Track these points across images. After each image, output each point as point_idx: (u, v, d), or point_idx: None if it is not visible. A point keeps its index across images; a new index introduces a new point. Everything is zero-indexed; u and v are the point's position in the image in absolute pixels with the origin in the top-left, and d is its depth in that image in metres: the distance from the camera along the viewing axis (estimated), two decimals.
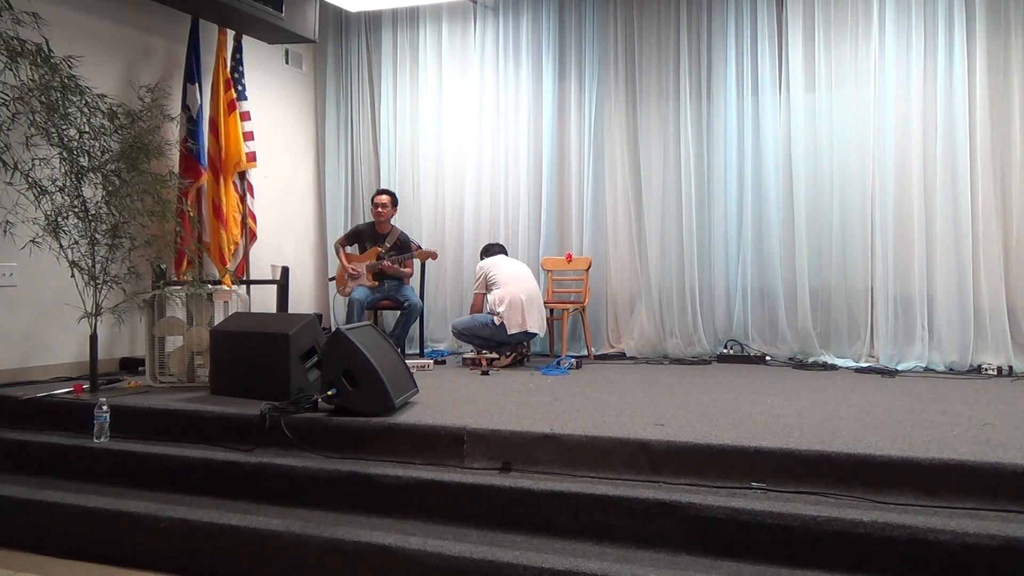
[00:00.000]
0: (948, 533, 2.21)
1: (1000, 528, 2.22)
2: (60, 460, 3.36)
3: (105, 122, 3.92)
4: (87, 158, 3.91)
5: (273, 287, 5.22)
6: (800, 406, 3.51)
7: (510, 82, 6.11)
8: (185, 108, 5.11)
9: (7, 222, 3.81)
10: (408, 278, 5.70)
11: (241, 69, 5.46)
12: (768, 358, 5.30)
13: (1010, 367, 4.73)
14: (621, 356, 5.68)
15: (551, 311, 5.64)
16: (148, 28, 5.11)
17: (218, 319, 4.19)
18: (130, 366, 4.78)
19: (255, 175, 5.59)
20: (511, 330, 4.99)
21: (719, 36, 5.53)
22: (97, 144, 3.93)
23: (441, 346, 6.18)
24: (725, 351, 5.40)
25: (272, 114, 6.16)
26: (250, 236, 5.49)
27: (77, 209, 3.87)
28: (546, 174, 5.96)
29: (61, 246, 3.83)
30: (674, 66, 5.64)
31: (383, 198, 5.67)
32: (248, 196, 5.49)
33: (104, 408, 3.40)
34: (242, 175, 5.47)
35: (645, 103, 5.71)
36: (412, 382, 3.63)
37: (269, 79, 6.17)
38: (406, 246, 5.68)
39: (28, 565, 2.81)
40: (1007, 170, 4.89)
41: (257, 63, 5.93)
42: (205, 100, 5.23)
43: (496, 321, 5.00)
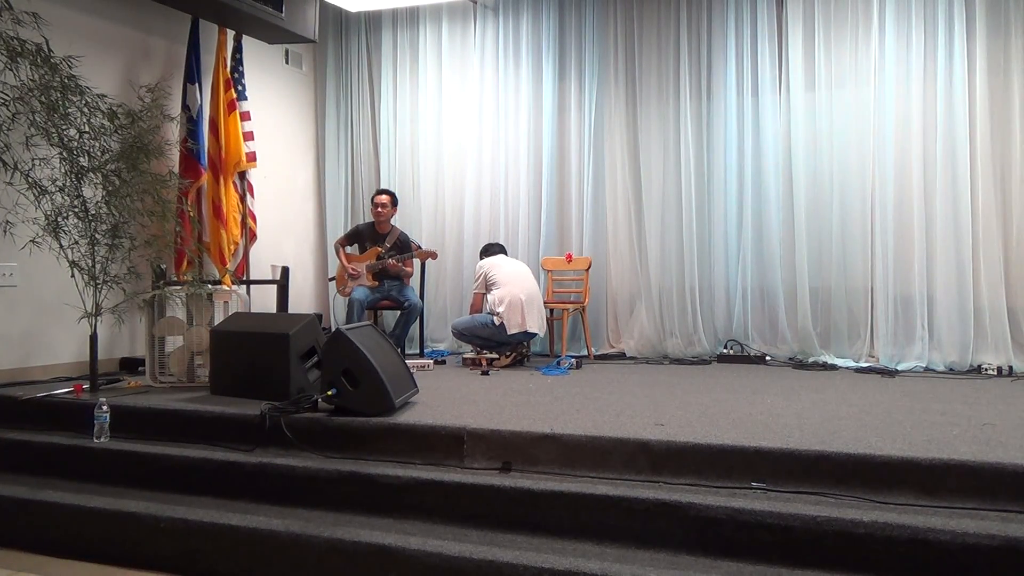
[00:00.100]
0: (948, 533, 2.21)
1: (1000, 528, 2.22)
2: (60, 460, 3.36)
3: (105, 122, 3.92)
4: (87, 158, 3.91)
5: (273, 287, 5.22)
6: (800, 406, 3.51)
7: (510, 82, 6.11)
8: (185, 108, 5.11)
9: (7, 222, 3.82)
10: (408, 278, 5.70)
11: (241, 69, 5.46)
12: (768, 358, 5.30)
13: (1010, 367, 4.73)
14: (621, 356, 5.68)
15: (551, 311, 5.63)
16: (148, 28, 5.11)
17: (218, 319, 4.18)
18: (130, 366, 4.79)
19: (255, 175, 5.59)
20: (511, 330, 4.99)
21: (719, 36, 5.53)
22: (97, 144, 3.93)
23: (441, 346, 6.18)
24: (725, 351, 5.40)
25: (272, 114, 6.16)
26: (250, 236, 5.49)
27: (77, 209, 3.87)
28: (546, 174, 5.96)
29: (61, 246, 3.83)
30: (674, 66, 5.64)
31: (383, 198, 5.67)
32: (248, 196, 5.49)
33: (104, 408, 3.40)
34: (242, 175, 5.47)
35: (645, 103, 5.71)
36: (412, 382, 3.63)
37: (269, 79, 6.17)
38: (406, 246, 5.68)
39: (28, 565, 2.81)
40: (1007, 170, 4.89)
41: (257, 63, 5.93)
42: (205, 100, 5.23)
43: (496, 321, 5.00)
